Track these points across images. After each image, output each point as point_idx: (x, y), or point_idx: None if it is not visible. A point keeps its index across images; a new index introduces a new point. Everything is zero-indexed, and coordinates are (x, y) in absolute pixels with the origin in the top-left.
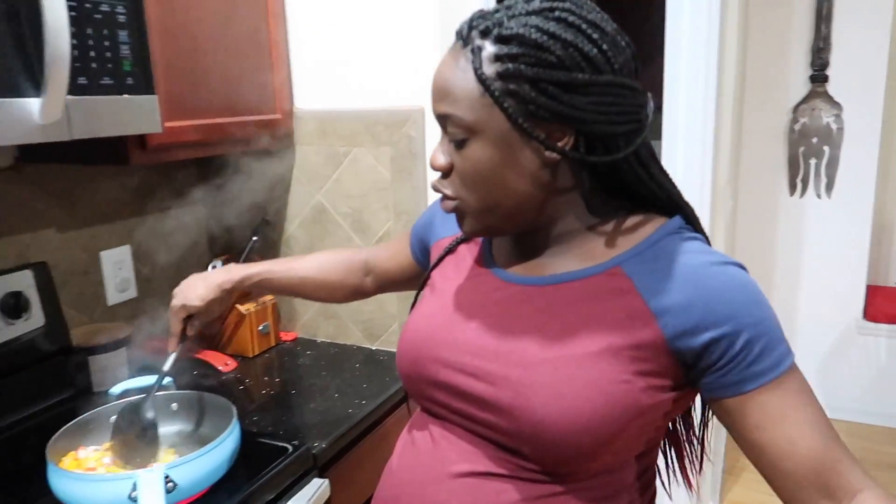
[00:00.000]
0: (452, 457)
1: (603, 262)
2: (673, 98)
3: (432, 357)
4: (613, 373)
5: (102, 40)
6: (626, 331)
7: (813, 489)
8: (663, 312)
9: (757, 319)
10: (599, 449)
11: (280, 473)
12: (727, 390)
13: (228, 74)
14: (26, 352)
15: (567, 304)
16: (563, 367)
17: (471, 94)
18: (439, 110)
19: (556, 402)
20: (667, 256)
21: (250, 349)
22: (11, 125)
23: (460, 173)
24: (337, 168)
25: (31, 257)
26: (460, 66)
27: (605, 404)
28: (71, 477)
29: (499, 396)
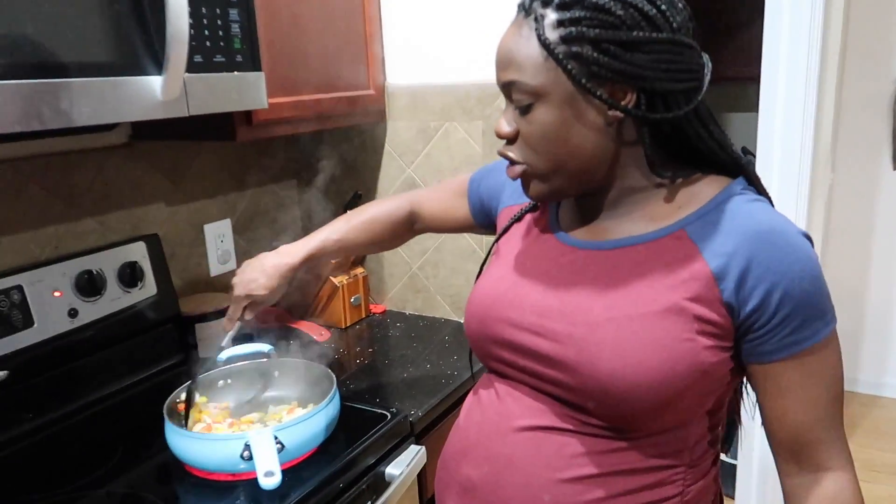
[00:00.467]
0: (516, 412)
1: (667, 226)
2: (772, 65)
3: (499, 317)
4: (677, 331)
5: (216, 19)
6: (688, 291)
7: (788, 453)
8: (723, 275)
9: (805, 292)
10: (662, 406)
11: (380, 439)
12: (759, 357)
13: (326, 51)
14: (140, 319)
15: (631, 267)
16: (627, 325)
17: (535, 59)
18: (504, 78)
19: (621, 359)
20: (731, 219)
21: (343, 320)
22: (135, 102)
23: (526, 138)
24: (428, 143)
25: (144, 230)
26: (523, 35)
27: (669, 361)
28: (187, 436)
29: (564, 354)
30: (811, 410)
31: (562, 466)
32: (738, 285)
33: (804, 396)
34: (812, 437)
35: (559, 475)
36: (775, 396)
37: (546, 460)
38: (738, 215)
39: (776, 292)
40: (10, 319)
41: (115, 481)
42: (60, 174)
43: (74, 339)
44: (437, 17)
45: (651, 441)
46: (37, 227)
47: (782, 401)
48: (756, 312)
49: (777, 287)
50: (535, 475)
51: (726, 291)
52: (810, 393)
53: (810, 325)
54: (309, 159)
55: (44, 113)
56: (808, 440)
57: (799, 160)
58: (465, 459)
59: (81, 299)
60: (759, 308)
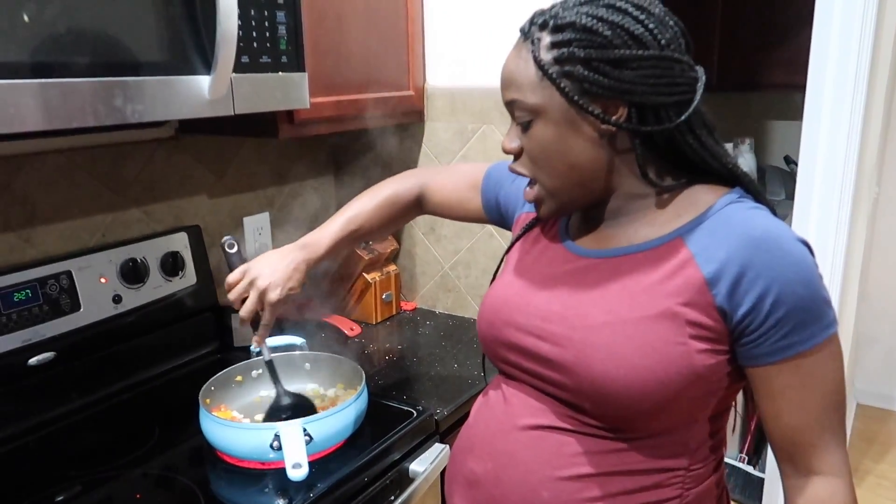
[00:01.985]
0: (520, 411)
1: (665, 234)
2: (819, 74)
3: (507, 321)
4: (670, 335)
5: (263, 21)
6: (682, 297)
7: (783, 454)
8: (717, 279)
9: (799, 297)
10: (657, 408)
11: (405, 435)
12: (754, 360)
13: (367, 52)
14: (179, 307)
15: (630, 274)
16: (621, 329)
17: (532, 79)
18: (507, 97)
19: (614, 361)
20: (726, 225)
21: (374, 316)
22: (184, 100)
23: (529, 153)
24: (465, 144)
25: (186, 221)
26: (522, 57)
27: (661, 363)
28: (220, 423)
29: (563, 356)
30: (804, 414)
31: (561, 465)
32: (731, 290)
33: (797, 400)
34: (806, 440)
35: (558, 473)
36: (770, 399)
37: (546, 458)
38: (733, 222)
39: (769, 296)
40: (58, 303)
41: (151, 462)
42: (110, 165)
43: (117, 325)
44: (477, 20)
45: (650, 443)
46: (86, 215)
47: (777, 403)
48: (749, 316)
49: (770, 291)
50: (535, 472)
51: (719, 296)
52: (804, 397)
53: (804, 330)
54: (347, 157)
55: (99, 109)
56: (801, 443)
57: (842, 172)
58: (471, 455)
59: (125, 286)
60: (752, 311)
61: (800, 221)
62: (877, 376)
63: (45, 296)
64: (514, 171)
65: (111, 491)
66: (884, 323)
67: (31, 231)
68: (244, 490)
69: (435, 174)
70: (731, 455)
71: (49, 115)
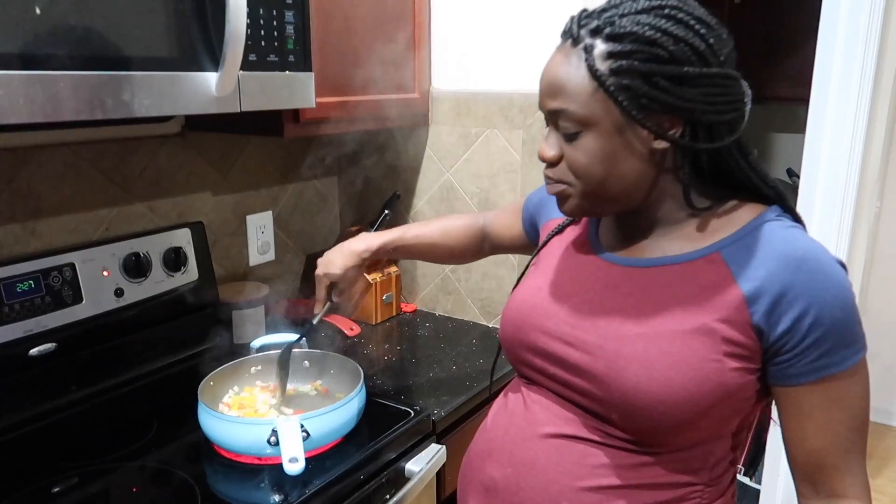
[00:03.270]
0: (543, 419)
1: (703, 248)
2: (823, 87)
3: (534, 325)
4: (704, 351)
5: (272, 20)
6: (719, 313)
7: (803, 474)
8: (755, 298)
9: (836, 319)
10: (686, 423)
11: (402, 435)
12: (785, 380)
13: (374, 54)
14: (181, 302)
15: (665, 286)
16: (656, 341)
17: (584, 89)
18: (551, 106)
19: (647, 373)
20: (765, 244)
21: (374, 317)
22: (191, 96)
23: (571, 163)
24: (468, 148)
25: (189, 217)
26: (572, 64)
27: (694, 380)
28: (218, 418)
29: (593, 365)
30: (831, 436)
31: (582, 475)
32: (770, 309)
33: (825, 422)
34: (829, 462)
35: (579, 483)
36: (797, 419)
37: (568, 468)
38: (773, 240)
39: (808, 317)
40: (61, 295)
41: (148, 456)
42: (116, 159)
43: (119, 318)
44: (484, 26)
45: (673, 457)
46: (91, 208)
47: (803, 424)
48: (786, 336)
49: (809, 312)
50: (556, 481)
51: (756, 315)
52: (832, 419)
53: (839, 352)
54: (351, 158)
55: (107, 103)
56: (825, 465)
57: (844, 186)
58: (490, 460)
59: (128, 280)
60: (790, 331)
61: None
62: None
63: (48, 287)
64: (548, 177)
65: (108, 483)
66: (884, 339)
67: (35, 223)
68: (241, 485)
69: (491, 212)
70: None
71: (58, 108)
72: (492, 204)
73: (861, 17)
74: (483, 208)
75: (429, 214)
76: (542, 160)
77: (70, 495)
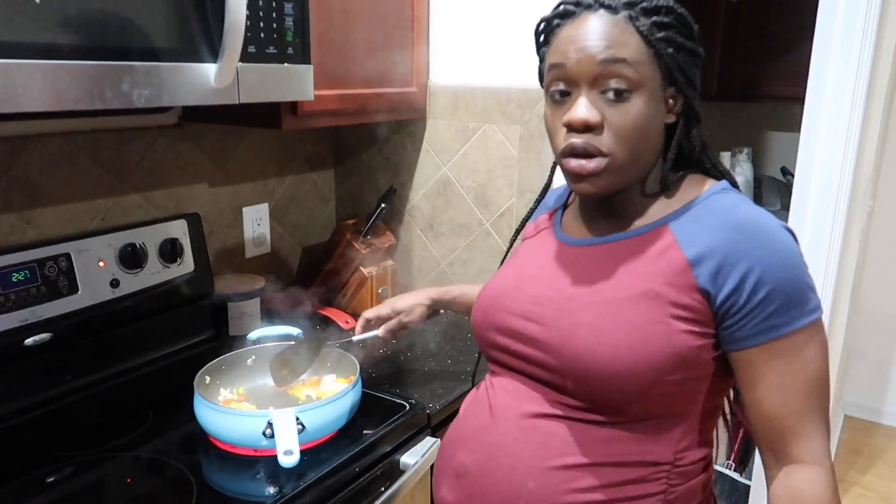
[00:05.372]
0: (508, 402)
1: (654, 221)
2: (818, 86)
3: (499, 307)
4: (650, 314)
5: (271, 12)
6: (664, 278)
7: (765, 444)
8: (698, 261)
9: (781, 279)
10: (640, 390)
11: (397, 428)
12: (736, 343)
13: (373, 47)
14: (177, 293)
15: (617, 259)
16: (604, 307)
17: (639, 50)
18: (608, 55)
19: (595, 337)
20: (711, 211)
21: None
22: (190, 87)
23: (616, 127)
24: (465, 143)
25: (186, 208)
26: (620, 27)
27: (641, 340)
28: (214, 409)
29: (548, 335)
30: (784, 400)
31: (548, 455)
32: (715, 272)
33: (778, 385)
34: (785, 427)
35: (544, 463)
36: (751, 385)
37: (533, 448)
38: (718, 209)
39: (751, 277)
40: (56, 285)
41: (144, 446)
42: (112, 150)
43: (115, 309)
44: (483, 20)
45: (637, 434)
46: (87, 198)
47: (757, 389)
48: (732, 297)
49: (752, 272)
50: (523, 462)
51: (701, 278)
52: (785, 382)
53: (786, 313)
54: (348, 151)
55: (105, 93)
56: (781, 431)
57: (838, 185)
58: (460, 446)
59: (123, 271)
60: (735, 292)
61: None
62: (865, 389)
63: (44, 277)
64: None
65: (103, 473)
66: (874, 337)
67: (31, 212)
68: (236, 476)
69: None
70: (719, 462)
71: (56, 97)
72: (489, 199)
73: (857, 16)
74: (479, 203)
75: (425, 209)
76: (586, 123)
77: (64, 485)
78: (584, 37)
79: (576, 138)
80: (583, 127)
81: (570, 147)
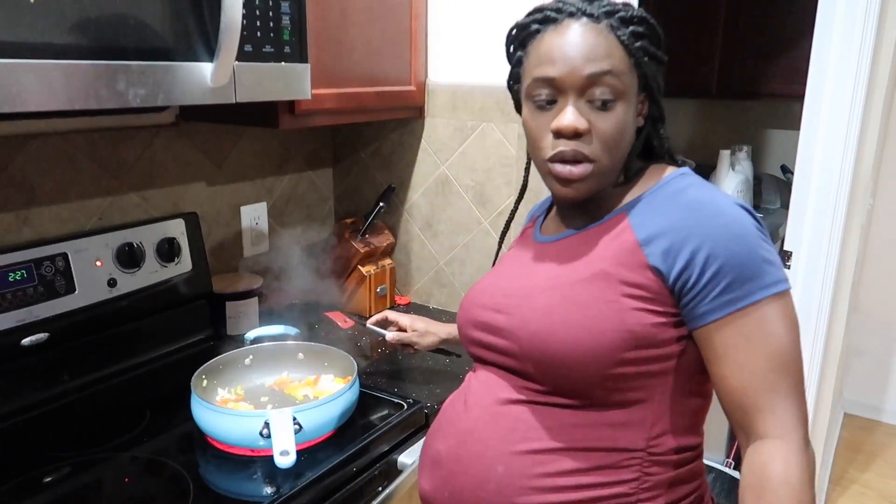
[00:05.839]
0: (481, 391)
1: (613, 210)
2: (818, 84)
3: (477, 303)
4: (602, 294)
5: (268, 10)
6: (616, 260)
7: (733, 418)
8: (648, 241)
9: (732, 252)
10: (597, 369)
11: (395, 427)
12: (697, 321)
13: (371, 46)
14: (174, 293)
15: (576, 248)
16: (559, 290)
17: (622, 60)
18: (595, 69)
19: (549, 318)
20: (664, 195)
21: (367, 309)
22: (186, 87)
23: (602, 133)
24: (464, 141)
25: (183, 207)
26: (603, 36)
27: (593, 319)
28: (211, 409)
29: (510, 322)
30: (748, 376)
31: (516, 440)
32: (666, 250)
33: (742, 361)
34: (751, 403)
35: (513, 448)
36: (716, 362)
37: (502, 433)
38: (672, 192)
39: (701, 252)
40: (53, 285)
41: (141, 446)
42: (110, 149)
43: (112, 308)
44: (481, 18)
45: (605, 418)
46: (84, 198)
47: (721, 365)
48: (684, 273)
49: (702, 247)
50: (492, 447)
51: (652, 256)
52: (748, 357)
53: (742, 286)
54: (346, 150)
55: (101, 93)
56: (746, 406)
57: (837, 183)
58: (438, 435)
59: (121, 270)
60: (686, 268)
61: (794, 231)
62: (865, 387)
63: (41, 277)
64: (575, 153)
65: (100, 473)
66: (874, 335)
67: (28, 212)
68: (233, 476)
69: None
70: (717, 460)
71: (51, 96)
72: (487, 198)
73: (857, 13)
74: (478, 202)
75: (423, 207)
76: (575, 131)
77: (62, 485)
78: (572, 47)
79: (564, 145)
80: (572, 134)
81: (560, 154)
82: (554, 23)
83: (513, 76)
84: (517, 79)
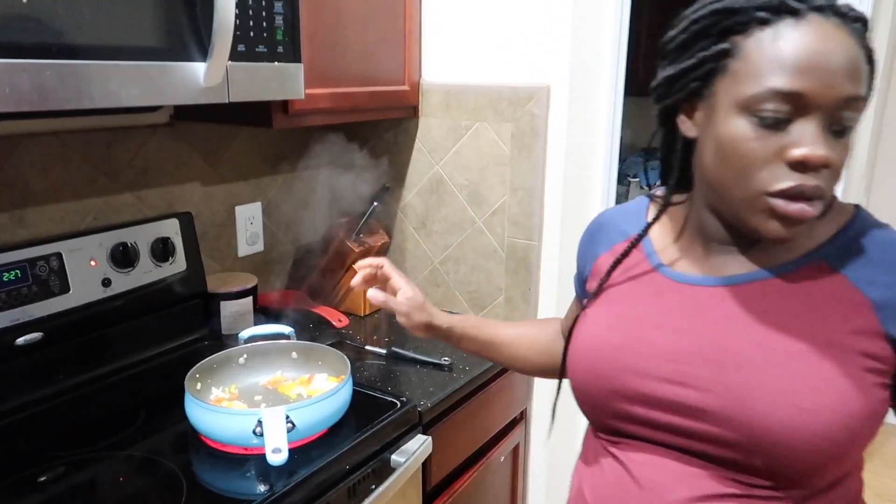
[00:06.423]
0: (665, 482)
1: (800, 256)
2: None
3: (624, 368)
4: (846, 367)
5: (261, 10)
6: (848, 324)
7: None
8: (883, 305)
9: None
10: (837, 454)
11: (388, 426)
12: None
13: (365, 46)
14: (169, 293)
15: (773, 302)
16: (790, 365)
17: (868, 76)
18: (852, 92)
19: (793, 405)
20: (876, 244)
21: (361, 308)
22: (179, 87)
23: (836, 167)
24: (458, 141)
25: (178, 207)
26: (856, 48)
27: (845, 402)
28: (205, 408)
29: (717, 403)
30: None
31: None
32: None
33: None
34: None
35: None
36: None
37: None
38: (885, 244)
39: None
40: (47, 284)
41: (135, 445)
42: (104, 149)
43: (106, 308)
44: (475, 18)
45: (821, 499)
46: (78, 197)
47: None
48: None
49: None
50: None
51: (887, 322)
52: None
53: None
54: (341, 149)
55: (94, 92)
56: None
57: None
58: None
59: (115, 270)
60: None
61: None
62: None
63: (35, 277)
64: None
65: (94, 473)
66: None
67: (22, 212)
68: (226, 475)
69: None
70: None
71: (44, 97)
72: (481, 197)
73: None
74: (472, 201)
75: (418, 207)
76: (823, 165)
77: (56, 484)
78: (831, 56)
79: (805, 179)
80: (819, 167)
81: (796, 189)
82: (794, 15)
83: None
84: (707, 76)
